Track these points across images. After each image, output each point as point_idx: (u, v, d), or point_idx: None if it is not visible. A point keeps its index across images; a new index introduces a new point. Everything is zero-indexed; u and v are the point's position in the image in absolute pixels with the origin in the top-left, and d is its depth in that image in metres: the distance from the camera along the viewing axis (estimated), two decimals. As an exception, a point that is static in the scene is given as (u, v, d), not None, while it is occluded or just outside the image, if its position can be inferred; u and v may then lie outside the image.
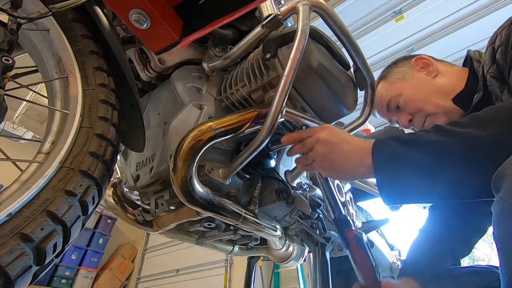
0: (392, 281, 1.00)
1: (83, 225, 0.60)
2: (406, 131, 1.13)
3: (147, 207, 1.01)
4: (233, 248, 1.21)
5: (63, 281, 4.48)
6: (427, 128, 0.68)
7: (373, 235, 1.39)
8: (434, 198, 0.77)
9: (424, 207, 1.52)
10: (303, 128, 0.91)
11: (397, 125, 1.11)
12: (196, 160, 0.74)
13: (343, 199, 1.40)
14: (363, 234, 0.90)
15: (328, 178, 1.00)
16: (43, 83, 0.70)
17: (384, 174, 0.65)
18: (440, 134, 0.63)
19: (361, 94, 1.05)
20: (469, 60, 0.97)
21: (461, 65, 1.03)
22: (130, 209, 1.07)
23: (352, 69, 1.00)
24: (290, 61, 0.75)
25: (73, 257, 4.67)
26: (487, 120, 0.62)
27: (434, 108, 0.97)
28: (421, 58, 1.05)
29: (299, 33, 0.76)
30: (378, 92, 1.09)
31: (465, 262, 1.11)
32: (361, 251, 0.84)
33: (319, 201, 1.05)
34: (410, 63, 1.07)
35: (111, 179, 0.84)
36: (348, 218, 0.90)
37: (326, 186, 1.00)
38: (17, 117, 3.66)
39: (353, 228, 0.88)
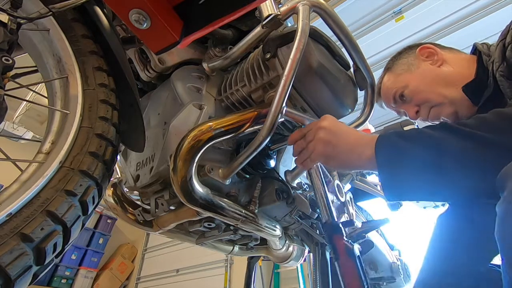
0: None
1: (83, 225, 0.60)
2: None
3: (147, 207, 1.01)
4: (233, 248, 1.21)
5: (63, 281, 4.48)
6: (432, 124, 0.68)
7: (373, 235, 1.39)
8: (436, 196, 0.76)
9: (425, 207, 1.52)
10: (303, 127, 0.91)
11: (405, 117, 1.08)
12: (196, 160, 0.74)
13: (343, 199, 1.40)
14: (355, 246, 0.81)
15: (324, 182, 0.98)
16: (43, 83, 0.70)
17: (386, 170, 0.65)
18: (444, 132, 0.63)
19: (361, 94, 1.05)
20: (477, 52, 0.92)
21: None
22: (130, 209, 1.07)
23: (352, 69, 1.00)
24: (290, 61, 0.75)
25: (73, 257, 4.67)
26: (492, 123, 0.61)
27: (439, 98, 0.94)
28: (425, 47, 1.02)
29: (299, 33, 0.76)
30: (383, 85, 1.08)
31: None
32: (351, 262, 0.76)
33: (319, 201, 1.04)
34: (415, 53, 1.04)
35: (111, 179, 0.84)
36: (341, 226, 0.85)
37: (322, 188, 0.97)
38: (17, 117, 3.65)
39: (344, 237, 0.82)
